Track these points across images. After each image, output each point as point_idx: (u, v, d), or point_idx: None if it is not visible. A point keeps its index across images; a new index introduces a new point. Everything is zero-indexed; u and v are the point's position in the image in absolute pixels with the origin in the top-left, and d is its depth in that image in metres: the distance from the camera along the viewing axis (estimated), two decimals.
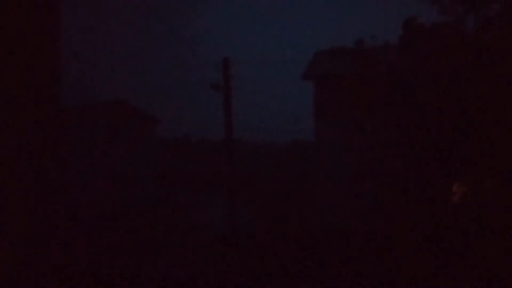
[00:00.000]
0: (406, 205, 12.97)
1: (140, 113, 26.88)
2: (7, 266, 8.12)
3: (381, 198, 14.83)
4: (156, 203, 25.66)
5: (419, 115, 12.43)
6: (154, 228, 18.58)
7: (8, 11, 8.68)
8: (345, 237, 14.60)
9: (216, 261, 13.90)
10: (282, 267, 12.51)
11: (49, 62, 9.49)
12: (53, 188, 9.29)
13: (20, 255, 8.40)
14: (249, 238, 15.91)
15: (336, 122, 16.59)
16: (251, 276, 12.15)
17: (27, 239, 8.59)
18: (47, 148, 9.22)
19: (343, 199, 16.68)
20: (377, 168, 14.38)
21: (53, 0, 9.66)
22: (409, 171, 12.80)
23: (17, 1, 8.79)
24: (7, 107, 8.53)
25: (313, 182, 18.64)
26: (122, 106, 25.56)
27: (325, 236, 15.04)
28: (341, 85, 15.97)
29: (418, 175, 12.62)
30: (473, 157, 11.61)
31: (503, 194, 11.42)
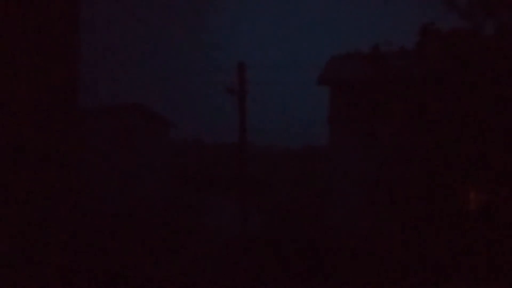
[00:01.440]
0: (422, 211, 12.83)
1: (155, 116, 27.10)
2: (15, 267, 8.19)
3: (395, 204, 14.68)
4: (169, 205, 25.78)
5: (437, 122, 12.29)
6: (166, 230, 18.65)
7: (28, 13, 8.82)
8: (357, 242, 14.48)
9: (226, 264, 13.89)
10: (292, 271, 12.45)
11: (68, 65, 9.61)
12: (70, 189, 9.38)
13: (31, 254, 8.47)
14: (259, 241, 15.86)
15: (350, 127, 16.47)
16: (261, 279, 12.12)
17: (42, 237, 8.67)
18: (64, 150, 9.32)
19: (357, 205, 16.54)
20: (393, 174, 14.25)
21: (72, 2, 9.80)
22: (426, 178, 12.66)
23: (37, 2, 8.92)
24: (26, 108, 8.64)
25: (326, 186, 18.53)
26: (138, 109, 25.80)
27: (336, 241, 14.93)
28: (356, 90, 15.90)
29: (435, 182, 12.48)
30: (491, 166, 11.43)
31: None
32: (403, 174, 13.28)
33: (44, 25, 9.13)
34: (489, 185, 11.98)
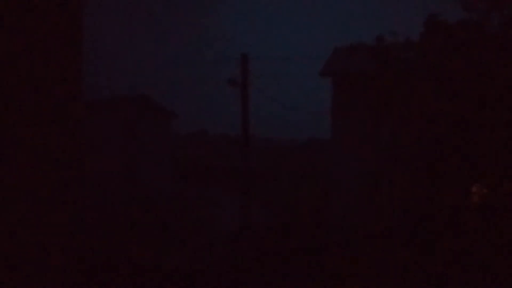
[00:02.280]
0: (425, 204, 12.80)
1: (158, 108, 27.10)
2: (16, 267, 8.22)
3: (399, 196, 14.65)
4: (172, 197, 25.87)
5: (440, 114, 12.22)
6: (169, 222, 18.73)
7: (29, 9, 8.79)
8: (359, 236, 14.47)
9: (228, 257, 13.93)
10: (294, 266, 12.47)
11: (71, 56, 9.59)
12: (72, 182, 9.40)
13: (32, 253, 8.49)
14: (262, 235, 15.90)
15: (353, 119, 16.42)
16: (262, 273, 12.15)
17: (42, 236, 8.69)
18: (66, 143, 9.33)
19: (360, 197, 16.54)
20: (395, 167, 14.20)
21: None
22: (429, 170, 12.62)
23: None
24: (26, 101, 8.65)
25: (329, 179, 18.52)
26: (141, 100, 25.80)
27: (338, 235, 14.94)
28: (360, 82, 15.79)
29: (438, 175, 12.44)
30: (494, 159, 11.37)
31: None
32: (404, 167, 13.24)
33: (47, 19, 9.11)
34: (491, 179, 11.94)
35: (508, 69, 11.35)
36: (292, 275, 11.88)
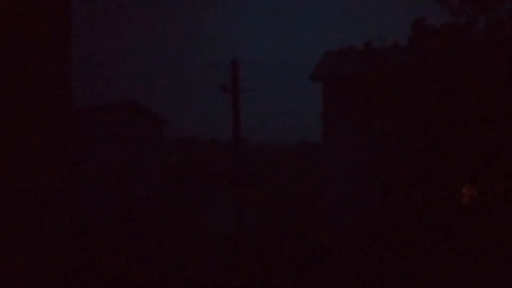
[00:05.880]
0: (415, 206, 12.91)
1: (148, 114, 27.03)
2: (7, 270, 8.18)
3: (389, 198, 14.76)
4: (163, 203, 25.78)
5: (429, 117, 12.36)
6: (160, 228, 18.66)
7: (18, 10, 8.78)
8: (351, 238, 14.53)
9: (222, 262, 13.92)
10: (287, 269, 12.49)
11: (60, 61, 9.57)
12: (62, 188, 9.35)
13: (23, 258, 8.44)
14: (255, 239, 15.90)
15: (344, 123, 16.53)
16: (255, 277, 12.15)
17: (32, 240, 8.64)
18: (56, 148, 9.30)
19: (351, 200, 16.61)
20: (386, 169, 14.32)
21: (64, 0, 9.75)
22: (419, 172, 12.74)
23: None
24: (16, 106, 8.61)
25: (320, 182, 18.59)
26: (131, 107, 25.71)
27: (330, 237, 14.98)
28: (350, 85, 15.93)
29: (427, 176, 12.56)
30: (484, 160, 11.52)
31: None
32: (396, 169, 13.36)
33: (36, 22, 9.09)
34: (483, 179, 12.08)
35: (496, 71, 11.53)
36: (287, 278, 11.90)
